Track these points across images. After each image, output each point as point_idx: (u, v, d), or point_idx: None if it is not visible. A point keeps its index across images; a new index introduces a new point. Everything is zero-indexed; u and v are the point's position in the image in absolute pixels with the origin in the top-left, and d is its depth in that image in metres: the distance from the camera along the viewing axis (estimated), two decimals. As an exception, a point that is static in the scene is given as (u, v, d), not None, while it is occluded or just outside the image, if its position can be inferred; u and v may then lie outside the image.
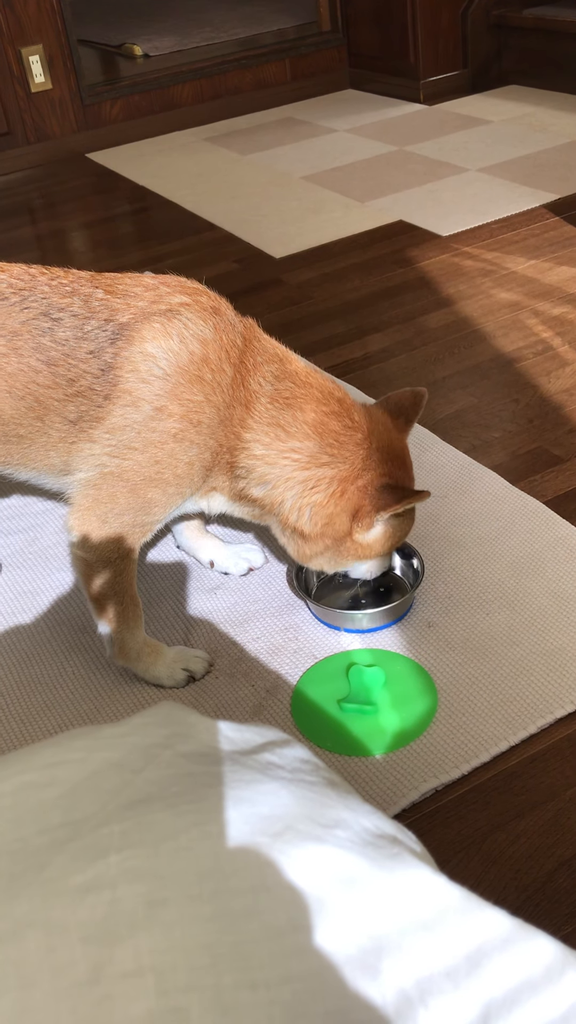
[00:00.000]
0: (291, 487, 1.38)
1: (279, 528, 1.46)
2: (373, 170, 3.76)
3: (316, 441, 1.37)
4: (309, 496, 1.38)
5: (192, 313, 1.35)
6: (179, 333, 1.33)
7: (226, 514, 1.50)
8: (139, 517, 1.39)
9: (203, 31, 5.43)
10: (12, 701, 1.50)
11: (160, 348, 1.32)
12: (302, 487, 1.38)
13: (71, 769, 0.69)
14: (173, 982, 0.54)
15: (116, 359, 1.32)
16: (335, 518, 1.39)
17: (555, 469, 1.90)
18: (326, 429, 1.38)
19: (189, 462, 1.36)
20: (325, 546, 1.43)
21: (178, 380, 1.32)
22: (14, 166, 4.42)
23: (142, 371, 1.32)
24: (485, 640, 1.51)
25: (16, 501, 1.99)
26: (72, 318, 1.34)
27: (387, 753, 1.34)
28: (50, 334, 1.33)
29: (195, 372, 1.33)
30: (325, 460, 1.37)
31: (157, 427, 1.33)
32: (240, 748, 0.76)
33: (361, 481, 1.38)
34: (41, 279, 1.37)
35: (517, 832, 1.23)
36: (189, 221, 3.51)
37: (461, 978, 0.58)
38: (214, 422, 1.35)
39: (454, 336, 2.45)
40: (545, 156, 3.65)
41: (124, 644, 1.46)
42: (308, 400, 1.38)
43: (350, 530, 1.40)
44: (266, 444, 1.37)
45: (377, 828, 0.68)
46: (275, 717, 1.43)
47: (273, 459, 1.37)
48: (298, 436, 1.37)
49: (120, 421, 1.33)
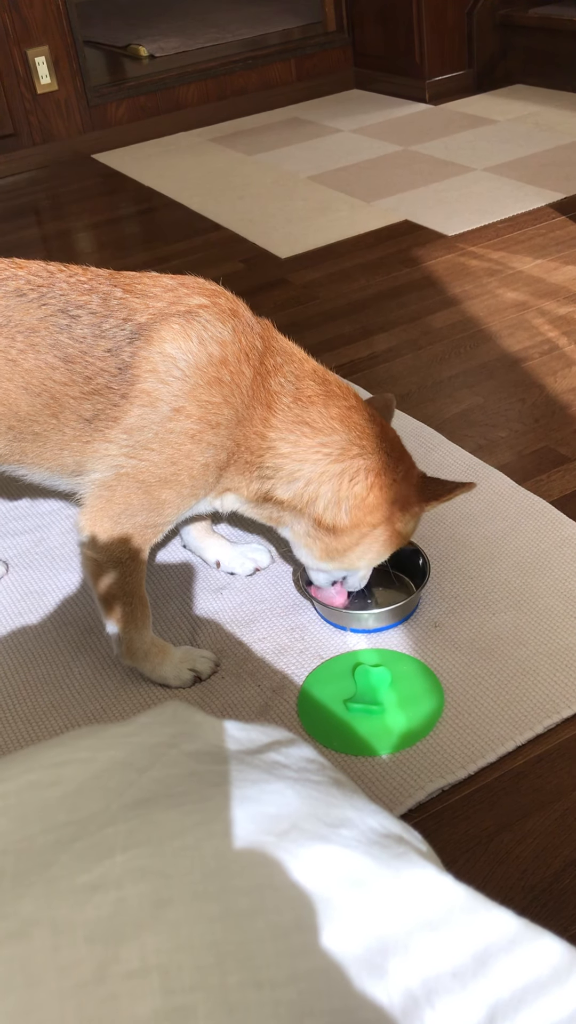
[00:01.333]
0: (327, 480, 1.38)
1: (304, 528, 1.44)
2: (379, 170, 3.76)
3: (344, 434, 1.38)
4: (348, 488, 1.39)
5: (211, 315, 1.35)
6: (198, 335, 1.33)
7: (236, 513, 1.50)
8: (151, 518, 1.38)
9: (208, 32, 5.43)
10: (19, 701, 1.50)
11: (179, 349, 1.32)
12: (340, 480, 1.38)
13: (77, 768, 0.69)
14: (178, 981, 0.54)
15: (134, 359, 1.32)
16: (376, 509, 1.40)
17: (561, 468, 1.90)
18: (352, 422, 1.39)
19: (205, 463, 1.36)
20: (361, 535, 1.42)
21: (197, 381, 1.32)
22: (20, 167, 4.42)
23: (161, 372, 1.32)
24: (491, 640, 1.50)
25: (23, 502, 1.99)
26: (90, 316, 1.34)
27: (393, 753, 1.34)
28: (68, 331, 1.33)
29: (214, 374, 1.33)
30: (356, 452, 1.38)
31: (175, 428, 1.33)
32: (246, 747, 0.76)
33: (397, 473, 1.40)
34: (59, 276, 1.37)
35: (524, 832, 1.22)
36: (195, 222, 3.51)
37: (468, 978, 0.58)
38: (232, 423, 1.35)
39: (460, 336, 2.45)
40: (551, 155, 3.64)
41: (132, 644, 1.46)
42: (330, 396, 1.39)
43: (390, 518, 1.41)
44: (293, 442, 1.37)
45: (383, 828, 0.68)
46: (281, 717, 1.43)
47: (303, 455, 1.38)
48: (326, 431, 1.37)
49: (137, 421, 1.33)
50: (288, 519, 1.45)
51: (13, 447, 1.41)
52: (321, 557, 1.46)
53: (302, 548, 1.48)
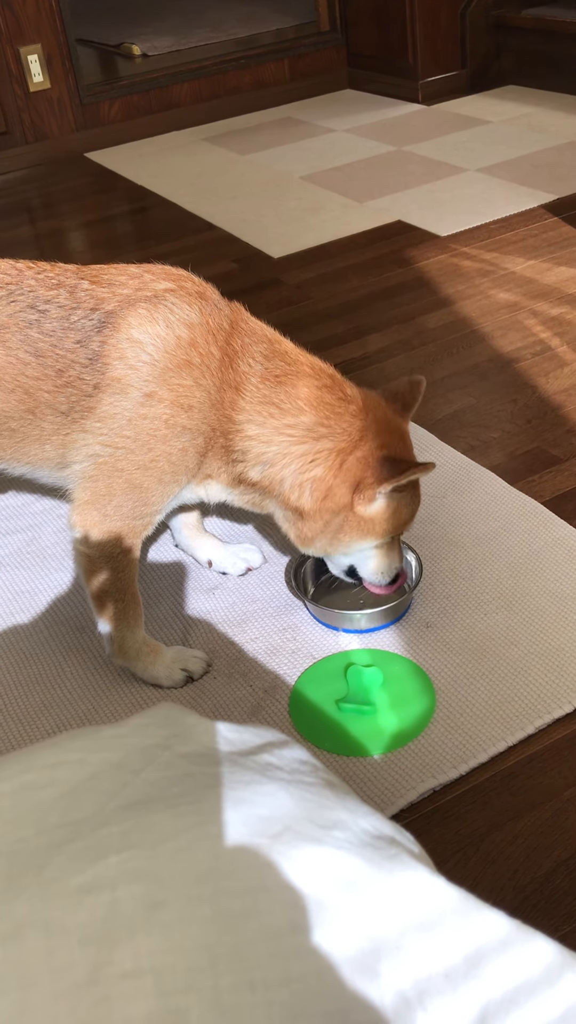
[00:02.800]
0: (289, 463, 1.37)
1: (280, 512, 1.44)
2: (372, 170, 3.76)
3: (311, 415, 1.36)
4: (309, 471, 1.37)
5: (177, 298, 1.35)
6: (165, 318, 1.33)
7: (226, 504, 1.49)
8: (137, 508, 1.38)
9: (202, 31, 5.43)
10: (10, 701, 1.50)
11: (146, 334, 1.32)
12: (301, 462, 1.36)
13: (70, 770, 0.69)
14: (172, 983, 0.54)
15: (103, 347, 1.33)
16: (335, 490, 1.37)
17: (553, 469, 1.90)
18: (321, 402, 1.37)
19: (182, 448, 1.35)
20: (325, 523, 1.40)
21: (166, 365, 1.32)
22: (12, 165, 4.41)
23: (129, 358, 1.32)
24: (483, 640, 1.51)
25: (15, 501, 1.99)
26: (58, 309, 1.34)
27: (385, 753, 1.34)
28: (37, 326, 1.34)
29: (183, 356, 1.32)
30: (323, 432, 1.36)
31: (148, 413, 1.33)
32: (239, 749, 0.76)
33: (360, 452, 1.36)
34: (28, 273, 1.38)
35: (515, 832, 1.23)
36: (188, 221, 3.51)
37: (459, 980, 0.58)
38: (205, 406, 1.34)
39: (452, 336, 2.45)
40: (543, 156, 3.65)
41: (124, 643, 1.46)
42: (300, 376, 1.37)
43: (351, 503, 1.37)
44: (260, 423, 1.36)
45: (375, 829, 0.68)
46: (273, 717, 1.43)
47: (268, 437, 1.36)
48: (292, 411, 1.36)
49: (110, 409, 1.34)
50: (268, 504, 1.44)
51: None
52: (299, 542, 1.45)
53: (284, 532, 1.47)
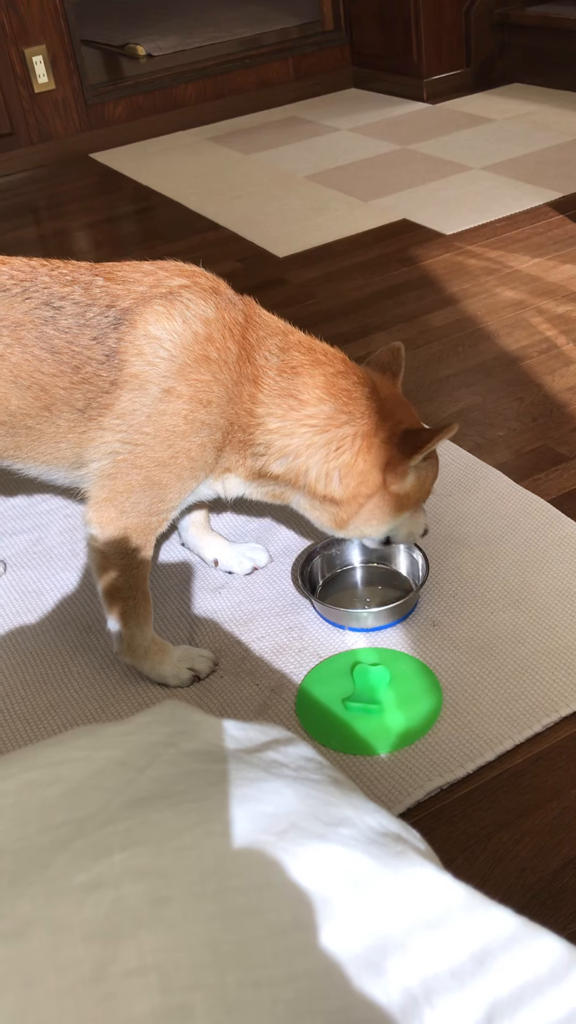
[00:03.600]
0: (314, 452, 1.38)
1: (307, 501, 1.45)
2: (376, 169, 3.76)
3: (331, 403, 1.37)
4: (336, 458, 1.38)
5: (192, 294, 1.36)
6: (182, 314, 1.33)
7: (243, 497, 1.49)
8: (155, 504, 1.39)
9: (206, 31, 5.43)
10: (17, 701, 1.50)
11: (164, 330, 1.32)
12: (326, 451, 1.37)
13: (75, 767, 0.69)
14: (177, 980, 0.54)
15: (120, 344, 1.33)
16: (367, 475, 1.39)
17: (559, 467, 1.90)
18: (338, 389, 1.38)
19: (201, 443, 1.36)
20: (360, 506, 1.41)
21: (184, 360, 1.32)
22: (17, 166, 4.42)
23: (147, 354, 1.32)
24: (490, 638, 1.50)
25: (21, 501, 1.99)
26: (74, 306, 1.35)
27: (392, 752, 1.34)
28: (53, 323, 1.34)
29: (200, 352, 1.33)
30: (343, 419, 1.37)
31: (166, 409, 1.33)
32: (244, 746, 0.76)
33: (384, 433, 1.38)
34: (41, 270, 1.38)
35: (522, 831, 1.22)
36: (193, 221, 3.51)
37: (467, 977, 0.58)
38: (223, 401, 1.35)
39: (458, 335, 2.45)
40: (548, 154, 3.64)
41: (133, 641, 1.46)
42: (315, 365, 1.38)
43: (384, 483, 1.39)
44: (280, 416, 1.37)
45: (382, 826, 0.68)
46: (280, 716, 1.42)
47: (290, 429, 1.37)
48: (312, 401, 1.37)
49: (129, 406, 1.34)
50: (289, 494, 1.45)
51: (7, 442, 1.41)
52: (334, 526, 1.46)
53: (315, 520, 1.48)
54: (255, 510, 1.85)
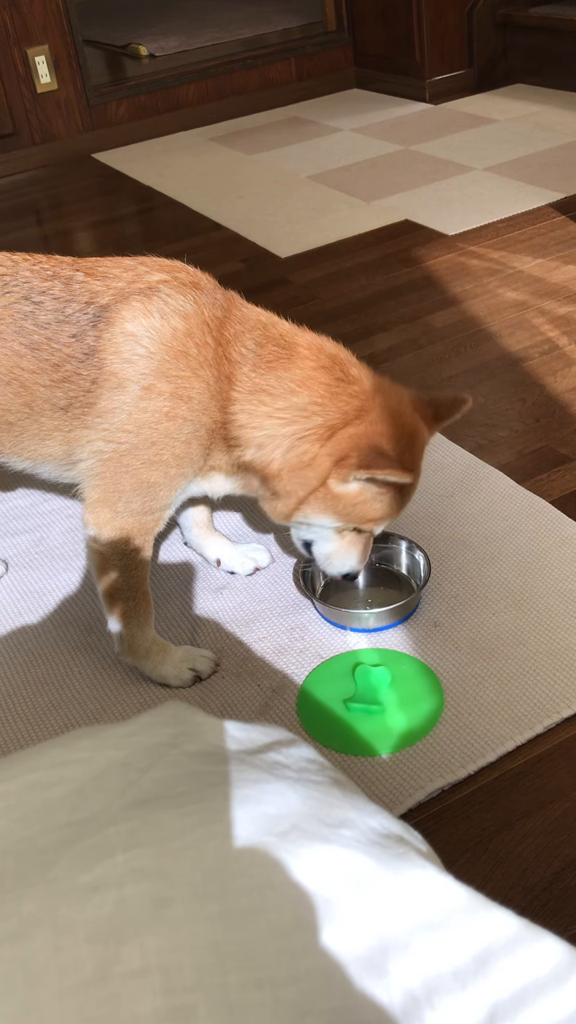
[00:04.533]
0: (280, 443, 1.33)
1: (265, 490, 1.38)
2: (379, 169, 3.76)
3: (304, 395, 1.32)
4: (298, 446, 1.32)
5: (171, 289, 1.34)
6: (159, 310, 1.31)
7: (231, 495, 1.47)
8: (147, 503, 1.38)
9: (208, 31, 5.43)
10: (19, 701, 1.50)
11: (141, 326, 1.31)
12: (290, 440, 1.32)
13: (77, 768, 0.69)
14: (179, 981, 0.54)
15: (99, 342, 1.31)
16: (319, 459, 1.31)
17: (561, 468, 1.90)
18: (315, 382, 1.32)
19: (186, 440, 1.34)
20: (298, 484, 1.33)
21: (163, 357, 1.31)
22: (20, 166, 4.42)
23: (125, 352, 1.31)
24: (491, 640, 1.50)
25: (23, 501, 1.99)
26: (53, 301, 1.33)
27: (393, 753, 1.34)
28: (32, 317, 1.33)
29: (179, 347, 1.31)
30: (315, 410, 1.31)
31: (148, 407, 1.32)
32: (246, 748, 0.76)
33: (353, 429, 1.30)
34: (23, 264, 1.37)
35: (524, 832, 1.22)
36: (195, 221, 3.51)
37: (468, 978, 0.58)
38: (204, 396, 1.32)
39: (460, 335, 2.45)
40: (551, 155, 3.64)
41: (134, 641, 1.46)
42: (293, 358, 1.33)
43: (327, 474, 1.32)
44: (250, 412, 1.33)
45: (383, 828, 0.68)
46: (281, 717, 1.43)
47: (259, 423, 1.33)
48: (283, 394, 1.32)
49: (109, 404, 1.33)
50: (255, 484, 1.40)
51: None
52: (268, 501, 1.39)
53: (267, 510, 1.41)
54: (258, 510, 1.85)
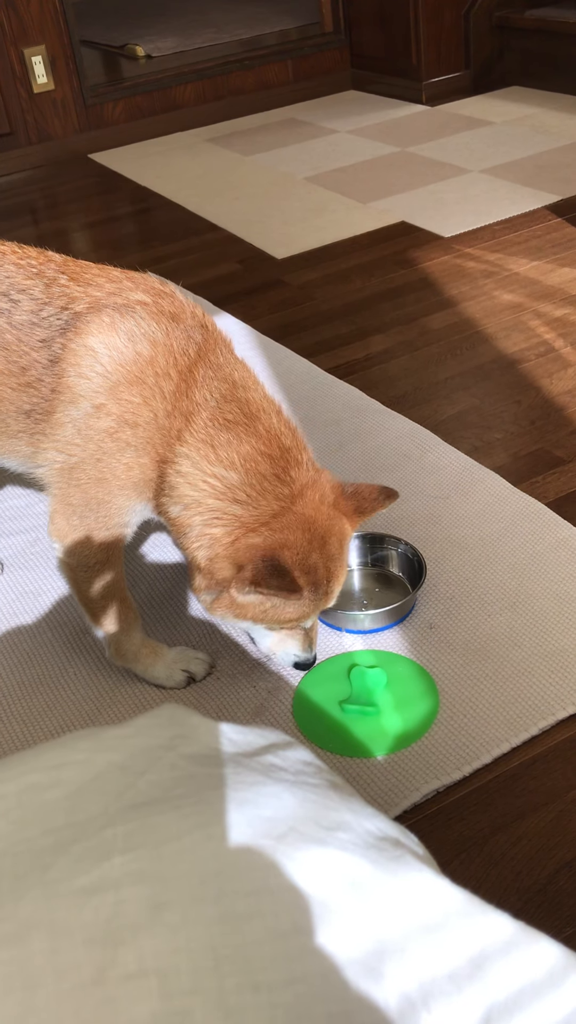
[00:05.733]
0: (201, 513, 1.27)
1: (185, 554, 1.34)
2: (375, 171, 3.76)
3: (239, 475, 1.26)
4: (212, 526, 1.27)
5: (147, 313, 1.29)
6: (128, 331, 1.27)
7: None
8: (100, 520, 1.34)
9: (205, 32, 5.43)
10: (14, 702, 1.50)
11: (103, 344, 1.26)
12: (209, 515, 1.27)
13: (75, 771, 0.69)
14: (176, 984, 0.54)
15: (63, 351, 1.28)
16: (220, 562, 1.27)
17: (557, 471, 1.90)
18: (254, 468, 1.26)
19: (127, 464, 1.30)
20: (208, 585, 1.30)
21: (118, 379, 1.27)
22: (16, 166, 4.42)
23: (83, 366, 1.27)
24: (487, 641, 1.51)
25: (19, 502, 1.99)
26: (31, 302, 1.29)
27: (389, 754, 1.34)
28: (7, 315, 1.29)
29: (137, 372, 1.27)
30: (241, 498, 1.26)
31: (95, 425, 1.28)
32: (243, 750, 0.76)
33: (257, 538, 1.24)
34: (10, 257, 1.33)
35: (519, 834, 1.23)
36: (191, 222, 3.51)
37: (464, 981, 0.58)
38: (151, 427, 1.28)
39: (456, 337, 2.45)
40: (547, 157, 3.65)
41: (120, 646, 1.46)
42: (248, 432, 1.27)
43: (230, 580, 1.26)
44: (194, 462, 1.27)
45: (380, 830, 0.68)
46: (276, 718, 1.43)
47: (195, 480, 1.27)
48: (225, 463, 1.26)
49: (62, 417, 1.30)
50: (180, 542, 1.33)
51: None
52: (194, 591, 1.34)
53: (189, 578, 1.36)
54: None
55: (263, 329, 2.52)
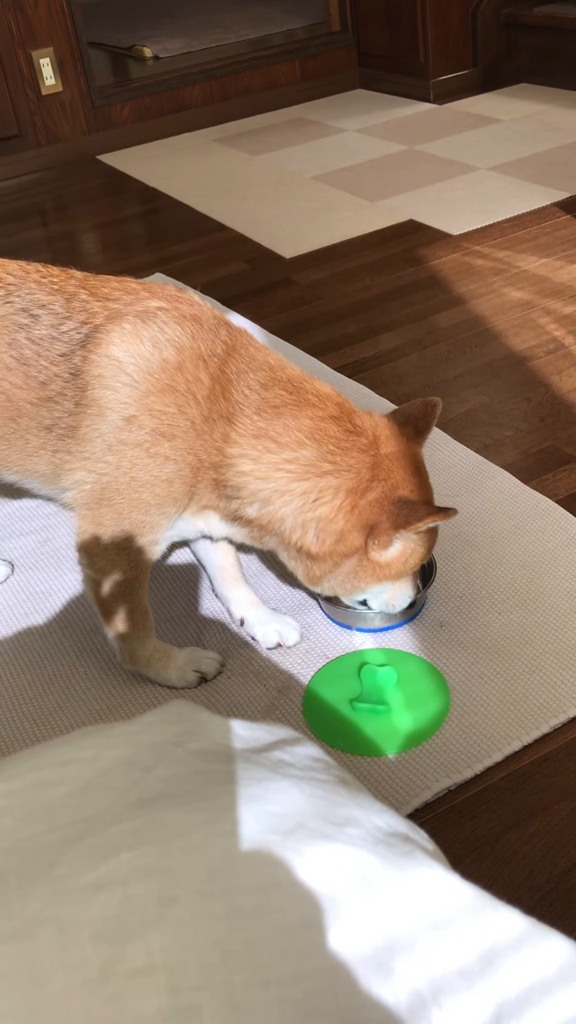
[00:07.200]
0: (290, 500, 1.26)
1: (283, 550, 1.35)
2: (383, 170, 3.76)
3: (313, 449, 1.26)
4: (313, 509, 1.26)
5: (168, 317, 1.27)
6: (152, 337, 1.24)
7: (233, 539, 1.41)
8: (130, 538, 1.32)
9: (213, 32, 5.44)
10: (25, 701, 1.51)
11: (127, 352, 1.24)
12: (303, 500, 1.26)
13: (82, 767, 0.69)
14: (184, 980, 0.54)
15: (85, 363, 1.26)
16: (346, 535, 1.27)
17: (567, 468, 1.89)
18: (325, 435, 1.26)
19: (167, 479, 1.27)
20: (335, 564, 1.31)
21: (147, 388, 1.24)
22: (25, 168, 4.43)
23: (107, 377, 1.25)
24: (497, 639, 1.50)
25: (29, 503, 1.99)
26: (51, 316, 1.28)
27: (399, 753, 1.34)
28: (26, 331, 1.28)
29: (167, 380, 1.24)
30: (327, 468, 1.26)
31: (127, 439, 1.25)
32: (251, 746, 0.76)
33: (373, 494, 1.26)
34: (33, 276, 1.33)
35: (530, 832, 1.22)
36: (199, 222, 3.51)
37: (474, 978, 0.58)
38: (190, 436, 1.26)
39: (465, 335, 2.45)
40: (556, 154, 3.64)
41: (134, 653, 1.46)
42: (301, 406, 1.27)
43: (364, 547, 1.28)
44: (254, 458, 1.25)
45: (389, 826, 0.68)
46: (287, 717, 1.42)
47: (265, 473, 1.26)
48: (291, 445, 1.25)
49: (89, 432, 1.27)
50: (267, 539, 1.34)
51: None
52: (307, 581, 1.36)
53: (290, 569, 1.38)
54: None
55: (272, 328, 2.52)
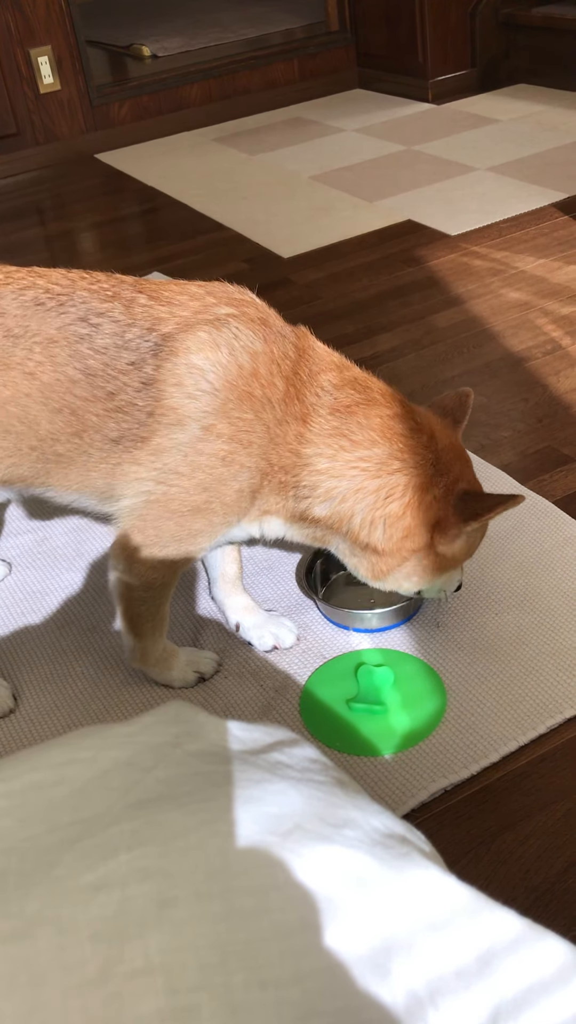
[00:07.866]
0: (363, 498, 1.29)
1: (347, 547, 1.36)
2: (381, 170, 3.76)
3: (385, 447, 1.28)
4: (384, 506, 1.29)
5: (240, 323, 1.25)
6: (228, 344, 1.23)
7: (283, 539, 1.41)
8: (184, 548, 1.32)
9: (211, 31, 5.43)
10: (21, 701, 1.51)
11: (208, 361, 1.22)
12: (375, 497, 1.29)
13: (80, 768, 0.69)
14: (183, 981, 0.54)
15: (159, 372, 1.23)
16: (414, 531, 1.31)
17: (564, 468, 1.90)
18: (393, 433, 1.29)
19: (239, 489, 1.27)
20: (403, 559, 1.33)
21: (227, 396, 1.22)
22: (23, 167, 4.43)
23: (188, 386, 1.22)
24: (494, 640, 1.50)
25: (27, 502, 1.99)
26: (113, 324, 1.24)
27: (396, 753, 1.34)
28: (88, 341, 1.23)
29: (244, 387, 1.23)
30: (396, 466, 1.29)
31: (205, 449, 1.24)
32: (249, 747, 0.76)
33: (438, 490, 1.30)
34: (80, 283, 1.28)
35: (527, 832, 1.22)
36: (198, 221, 3.51)
37: (471, 979, 0.58)
38: (264, 442, 1.26)
39: (463, 335, 2.45)
40: (554, 155, 3.64)
41: (147, 653, 1.45)
42: (371, 405, 1.29)
43: (431, 542, 1.32)
44: (330, 456, 1.28)
45: (386, 828, 0.68)
46: (284, 717, 1.43)
47: (340, 471, 1.28)
48: (365, 444, 1.28)
49: (164, 442, 1.24)
50: (330, 538, 1.36)
51: (37, 468, 1.31)
52: (371, 576, 1.38)
53: (352, 567, 1.40)
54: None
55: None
